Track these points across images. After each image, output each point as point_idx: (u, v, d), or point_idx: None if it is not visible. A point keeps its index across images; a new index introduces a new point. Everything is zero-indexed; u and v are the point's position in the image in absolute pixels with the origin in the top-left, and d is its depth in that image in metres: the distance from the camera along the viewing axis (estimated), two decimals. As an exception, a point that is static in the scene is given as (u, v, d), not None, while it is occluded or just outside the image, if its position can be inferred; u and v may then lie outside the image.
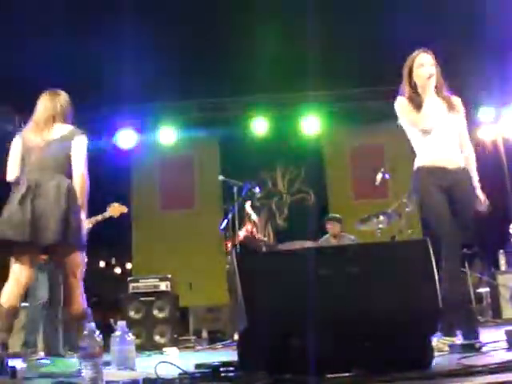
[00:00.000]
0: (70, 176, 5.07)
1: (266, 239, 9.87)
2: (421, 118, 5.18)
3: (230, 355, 5.86)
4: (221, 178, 9.28)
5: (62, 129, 5.21)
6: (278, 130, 11.94)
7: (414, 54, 5.35)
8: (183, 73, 9.81)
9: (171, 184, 12.59)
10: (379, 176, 9.00)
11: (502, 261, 9.53)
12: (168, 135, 11.83)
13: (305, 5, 7.96)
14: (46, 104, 5.29)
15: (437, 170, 5.20)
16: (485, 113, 11.39)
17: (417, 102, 5.24)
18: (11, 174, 5.20)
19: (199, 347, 8.41)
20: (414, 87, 5.32)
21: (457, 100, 5.43)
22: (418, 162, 5.36)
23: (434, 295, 3.29)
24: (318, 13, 8.36)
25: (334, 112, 11.86)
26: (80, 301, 5.01)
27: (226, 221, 8.90)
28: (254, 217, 9.36)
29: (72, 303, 5.02)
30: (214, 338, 9.14)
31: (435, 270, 3.36)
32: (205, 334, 9.87)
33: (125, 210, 7.49)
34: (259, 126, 11.82)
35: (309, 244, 9.18)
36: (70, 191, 5.00)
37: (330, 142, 12.53)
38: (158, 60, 9.15)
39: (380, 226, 9.12)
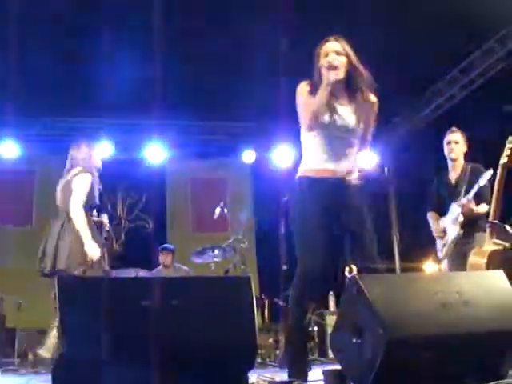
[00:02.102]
0: None
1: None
2: (305, 114, 4.44)
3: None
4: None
5: (75, 171, 6.61)
6: (122, 154, 11.90)
7: (323, 41, 4.60)
8: (32, 88, 9.62)
9: (8, 199, 12.21)
10: (218, 210, 9.17)
11: (331, 302, 9.81)
12: (10, 150, 11.58)
13: (165, 31, 7.96)
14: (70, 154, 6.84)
15: (318, 181, 4.45)
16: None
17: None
18: None
19: (23, 371, 8.19)
20: (321, 78, 4.47)
21: (372, 100, 4.63)
22: (300, 170, 4.59)
23: (251, 332, 3.39)
24: (177, 43, 8.48)
25: (179, 142, 11.99)
26: None
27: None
28: None
29: None
30: (41, 362, 8.93)
31: (254, 307, 3.44)
32: (31, 357, 9.59)
33: None
34: (103, 148, 11.74)
35: (142, 272, 9.18)
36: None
37: (172, 172, 12.61)
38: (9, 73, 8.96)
39: (215, 259, 9.26)
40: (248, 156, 12.46)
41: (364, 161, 4.82)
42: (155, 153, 12.04)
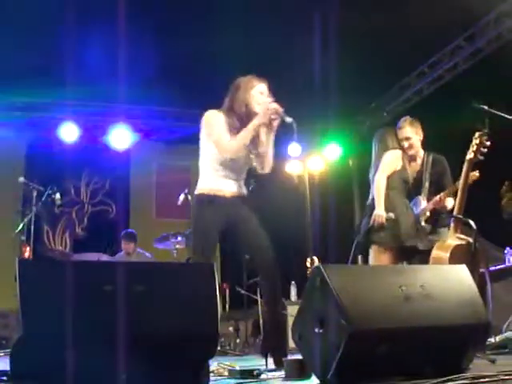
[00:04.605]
0: None
1: (60, 248, 9.74)
2: (231, 147, 4.77)
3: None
4: (21, 179, 9.06)
5: None
6: (87, 137, 11.78)
7: (252, 79, 4.96)
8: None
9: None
10: (182, 196, 9.12)
11: (293, 292, 9.80)
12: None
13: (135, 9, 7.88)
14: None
15: (217, 198, 4.84)
16: (293, 148, 11.74)
17: (235, 125, 4.83)
18: None
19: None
20: (239, 110, 4.89)
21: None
22: (201, 187, 4.96)
23: (213, 319, 3.37)
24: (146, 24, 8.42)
25: (145, 128, 11.91)
26: None
27: (22, 224, 8.70)
28: None
29: None
30: (-1, 345, 8.86)
31: (217, 295, 3.43)
32: (-11, 340, 9.51)
33: None
34: (69, 131, 11.62)
35: (104, 257, 9.14)
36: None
37: (137, 158, 12.52)
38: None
39: (177, 246, 9.25)
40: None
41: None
42: (120, 137, 11.92)
